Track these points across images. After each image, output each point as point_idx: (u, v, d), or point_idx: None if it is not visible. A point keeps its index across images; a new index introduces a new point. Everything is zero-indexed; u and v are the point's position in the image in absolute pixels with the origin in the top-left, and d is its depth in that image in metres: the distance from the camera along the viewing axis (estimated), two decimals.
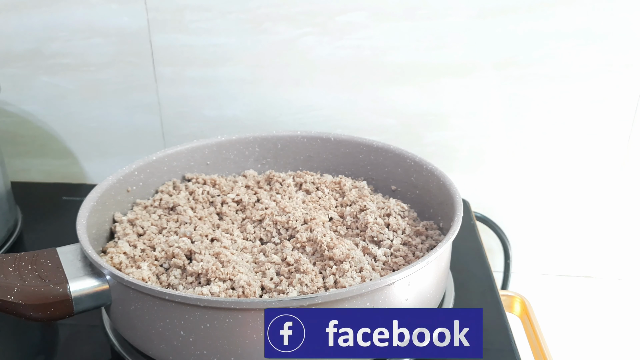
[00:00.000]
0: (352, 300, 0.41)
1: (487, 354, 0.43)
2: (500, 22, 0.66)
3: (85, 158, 0.81)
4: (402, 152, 0.60)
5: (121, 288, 0.44)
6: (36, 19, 0.72)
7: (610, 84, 0.68)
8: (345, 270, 0.47)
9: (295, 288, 0.45)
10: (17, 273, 0.44)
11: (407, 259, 0.50)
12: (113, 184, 0.55)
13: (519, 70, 0.68)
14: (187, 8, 0.69)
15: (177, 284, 0.47)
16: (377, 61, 0.70)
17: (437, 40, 0.68)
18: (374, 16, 0.68)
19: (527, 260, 0.79)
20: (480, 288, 0.58)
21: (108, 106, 0.77)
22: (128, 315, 0.45)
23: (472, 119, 0.72)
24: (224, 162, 0.64)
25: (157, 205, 0.58)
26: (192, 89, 0.74)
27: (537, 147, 0.72)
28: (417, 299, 0.46)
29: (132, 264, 0.49)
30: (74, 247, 0.48)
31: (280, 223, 0.54)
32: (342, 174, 0.63)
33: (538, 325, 0.60)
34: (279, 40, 0.70)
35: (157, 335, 0.43)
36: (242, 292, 0.44)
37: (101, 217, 0.54)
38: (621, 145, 0.71)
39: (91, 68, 0.74)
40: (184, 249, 0.49)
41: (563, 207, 0.75)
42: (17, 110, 0.79)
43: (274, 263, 0.49)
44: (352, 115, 0.73)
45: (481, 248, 0.65)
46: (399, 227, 0.54)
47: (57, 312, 0.44)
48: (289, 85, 0.73)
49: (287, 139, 0.65)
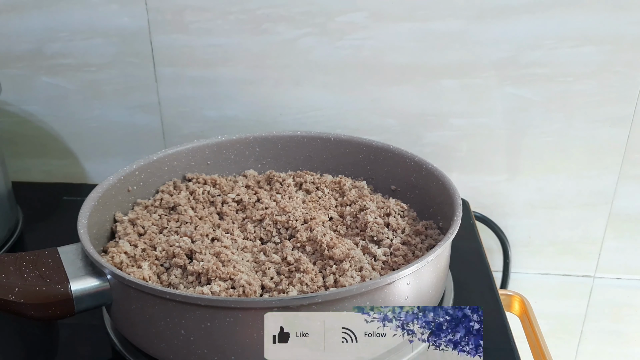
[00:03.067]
0: (352, 300, 0.41)
1: (487, 353, 0.43)
2: (500, 22, 0.66)
3: (86, 158, 0.81)
4: (401, 152, 0.60)
5: (122, 287, 0.44)
6: (37, 19, 0.72)
7: (609, 83, 0.68)
8: (345, 269, 0.47)
9: (295, 287, 0.45)
10: (18, 272, 0.44)
11: (407, 258, 0.50)
12: (114, 183, 0.55)
13: (518, 71, 0.68)
14: (187, 8, 0.69)
15: (177, 283, 0.47)
16: (377, 61, 0.70)
17: (436, 40, 0.68)
18: (374, 16, 0.68)
19: (526, 259, 0.79)
20: (479, 287, 0.59)
21: (109, 106, 0.77)
22: (129, 314, 0.45)
23: (472, 119, 0.72)
24: (224, 162, 0.64)
25: (157, 205, 0.58)
26: (192, 89, 0.74)
27: (536, 146, 0.72)
28: (417, 298, 0.46)
29: (132, 263, 0.49)
30: (75, 246, 0.48)
31: (281, 223, 0.54)
32: (342, 173, 0.63)
33: (537, 325, 0.60)
34: (279, 41, 0.70)
35: (158, 335, 0.43)
36: (242, 291, 0.44)
37: (102, 216, 0.54)
38: (621, 145, 0.71)
39: (92, 68, 0.74)
40: (184, 249, 0.49)
41: (562, 206, 0.75)
42: (18, 111, 0.79)
43: (274, 262, 0.49)
44: (352, 115, 0.73)
45: (480, 247, 0.65)
46: (399, 227, 0.54)
47: (58, 312, 0.44)
48: (289, 85, 0.73)
49: (287, 139, 0.65)
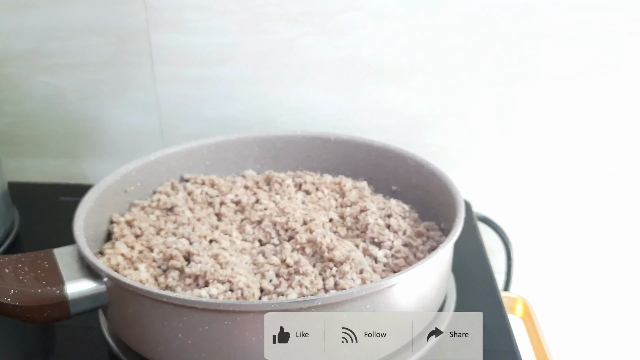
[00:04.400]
0: (352, 303, 0.41)
1: (489, 355, 0.43)
2: (501, 22, 0.66)
3: (83, 158, 0.81)
4: (402, 152, 0.60)
5: (119, 290, 0.43)
6: (34, 18, 0.72)
7: (609, 82, 0.68)
8: (345, 272, 0.46)
9: (294, 290, 0.45)
10: (13, 275, 0.44)
11: (408, 260, 0.50)
12: (111, 184, 0.55)
13: (519, 71, 0.68)
14: (186, 7, 0.69)
15: (175, 285, 0.46)
16: (376, 61, 0.70)
17: (437, 40, 0.68)
18: (373, 16, 0.67)
19: (529, 261, 0.79)
20: (481, 289, 0.58)
21: (106, 106, 0.77)
22: (126, 317, 0.45)
23: (473, 119, 0.72)
24: (223, 162, 0.64)
25: (155, 206, 0.57)
26: (190, 89, 0.74)
27: (539, 147, 0.72)
28: (418, 300, 0.45)
29: (129, 265, 0.48)
30: (71, 248, 0.47)
31: (280, 224, 0.54)
32: (342, 174, 0.63)
33: (540, 327, 0.60)
34: (279, 40, 0.70)
35: (155, 338, 0.43)
36: (240, 294, 0.44)
37: (99, 218, 0.53)
38: (620, 144, 0.71)
39: (89, 68, 0.74)
40: (182, 251, 0.49)
41: (565, 207, 0.75)
42: (15, 110, 0.78)
43: (273, 265, 0.48)
44: (352, 115, 0.73)
45: (483, 249, 0.64)
46: (400, 228, 0.53)
47: (54, 314, 0.43)
48: (288, 85, 0.72)
49: (286, 139, 0.64)
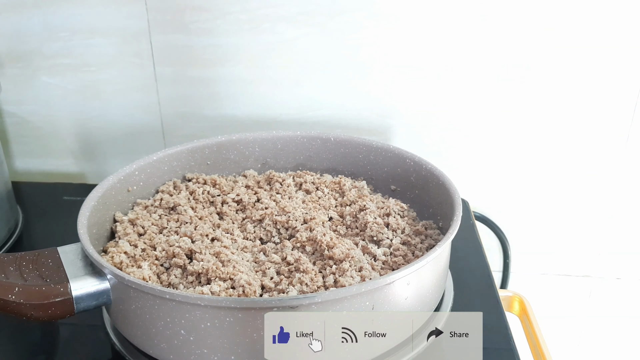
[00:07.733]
0: (352, 300, 0.41)
1: (487, 353, 0.43)
2: (502, 22, 0.66)
3: (85, 158, 0.81)
4: (401, 152, 0.60)
5: (122, 287, 0.44)
6: (37, 19, 0.72)
7: (608, 82, 0.68)
8: (345, 269, 0.47)
9: (295, 287, 0.45)
10: (18, 272, 0.44)
11: (407, 258, 0.50)
12: (114, 183, 0.55)
13: (519, 71, 0.68)
14: (187, 8, 0.69)
15: (177, 283, 0.47)
16: (377, 61, 0.70)
17: (437, 40, 0.68)
18: (373, 16, 0.68)
19: (526, 259, 0.79)
20: (479, 287, 0.58)
21: (108, 106, 0.77)
22: (129, 314, 0.45)
23: (472, 119, 0.72)
24: (224, 162, 0.64)
25: (157, 205, 0.58)
26: (192, 89, 0.74)
27: (536, 147, 0.72)
28: (417, 298, 0.46)
29: (132, 263, 0.49)
30: (74, 246, 0.48)
31: (280, 223, 0.54)
32: (342, 173, 0.63)
33: (537, 325, 0.60)
34: (279, 41, 0.70)
35: (158, 335, 0.43)
36: (242, 291, 0.44)
37: (102, 216, 0.54)
38: (620, 144, 0.71)
39: (92, 68, 0.74)
40: (184, 249, 0.49)
41: (562, 206, 0.75)
42: (18, 111, 0.79)
43: (274, 262, 0.49)
44: (352, 115, 0.73)
45: (480, 247, 0.65)
46: (399, 227, 0.54)
47: (58, 312, 0.44)
48: (288, 85, 0.73)
49: (287, 139, 0.65)
